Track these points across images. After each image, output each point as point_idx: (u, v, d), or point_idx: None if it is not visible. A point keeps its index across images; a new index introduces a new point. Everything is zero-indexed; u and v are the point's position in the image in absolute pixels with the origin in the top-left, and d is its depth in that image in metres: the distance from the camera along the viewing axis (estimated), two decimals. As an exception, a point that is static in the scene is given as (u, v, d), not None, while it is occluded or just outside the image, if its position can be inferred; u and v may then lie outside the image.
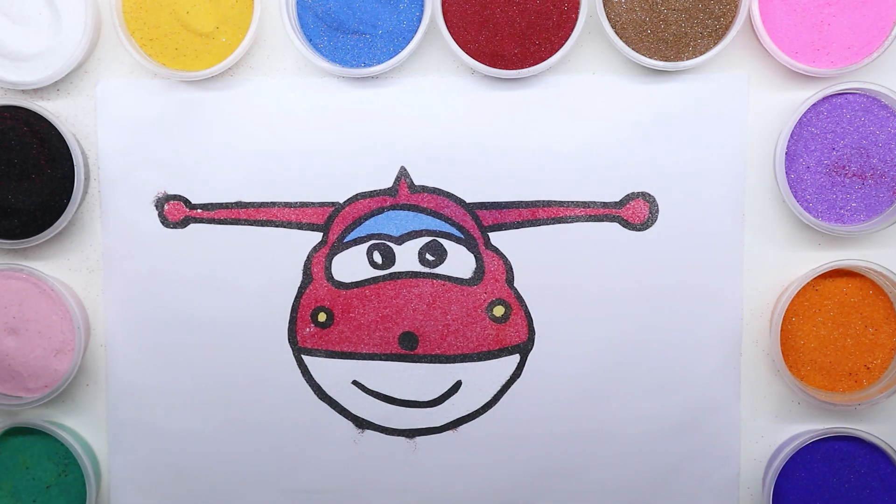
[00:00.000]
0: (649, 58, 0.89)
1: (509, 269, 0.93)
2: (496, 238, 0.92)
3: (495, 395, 0.94)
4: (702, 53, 0.89)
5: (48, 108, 0.93)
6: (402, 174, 0.92)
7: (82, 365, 0.95)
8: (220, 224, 0.93)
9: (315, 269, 0.93)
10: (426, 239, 0.93)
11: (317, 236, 0.93)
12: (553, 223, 0.92)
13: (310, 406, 0.94)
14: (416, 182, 0.92)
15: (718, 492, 0.94)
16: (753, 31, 0.90)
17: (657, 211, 0.92)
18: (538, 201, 0.92)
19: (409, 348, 0.93)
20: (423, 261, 0.93)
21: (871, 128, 0.90)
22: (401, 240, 0.93)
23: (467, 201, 0.92)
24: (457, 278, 0.93)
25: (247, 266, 0.93)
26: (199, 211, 0.93)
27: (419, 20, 0.90)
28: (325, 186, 0.93)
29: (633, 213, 0.92)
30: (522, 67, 0.89)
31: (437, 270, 0.93)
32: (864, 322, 0.91)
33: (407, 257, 0.93)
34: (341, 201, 0.93)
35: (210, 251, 0.93)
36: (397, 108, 0.92)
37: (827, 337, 0.91)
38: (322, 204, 0.93)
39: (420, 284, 0.93)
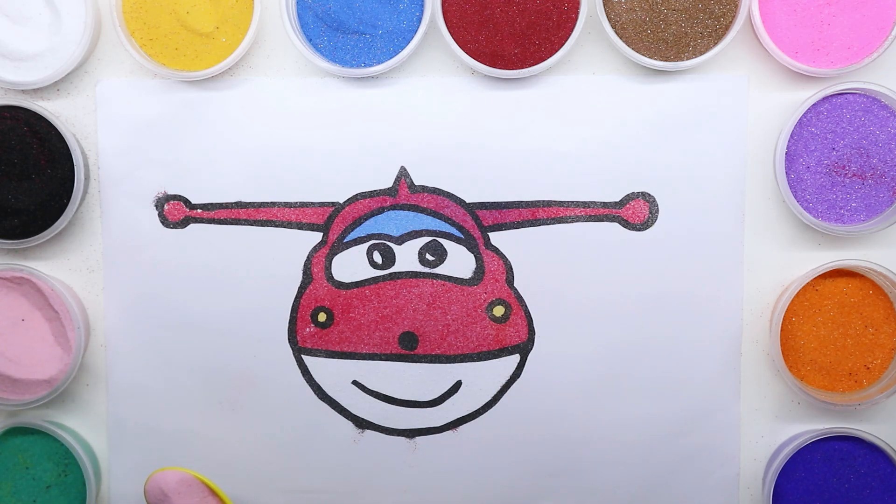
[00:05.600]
0: (649, 58, 0.89)
1: (509, 269, 0.93)
2: (496, 238, 0.92)
3: (495, 395, 0.94)
4: (702, 53, 0.89)
5: (48, 108, 0.93)
6: (402, 174, 0.92)
7: (82, 365, 0.95)
8: (220, 224, 0.93)
9: (315, 269, 0.93)
10: (426, 239, 0.93)
11: (317, 236, 0.93)
12: (553, 223, 0.92)
13: (310, 406, 0.94)
14: (416, 182, 0.92)
15: (718, 492, 0.94)
16: (753, 31, 0.90)
17: (657, 211, 0.92)
18: (538, 201, 0.92)
19: (409, 348, 0.93)
20: (423, 261, 0.93)
21: (871, 128, 0.90)
22: (401, 240, 0.93)
23: (467, 201, 0.92)
24: (457, 278, 0.93)
25: (247, 266, 0.93)
26: (199, 211, 0.93)
27: (419, 20, 0.90)
28: (325, 186, 0.93)
29: (633, 213, 0.92)
30: (522, 67, 0.90)
31: (437, 270, 0.93)
32: (864, 322, 0.91)
33: (407, 257, 0.93)
34: (341, 201, 0.93)
35: (210, 251, 0.93)
36: (397, 108, 0.92)
37: (827, 337, 0.91)
38: (322, 204, 0.93)
39: (420, 284, 0.93)
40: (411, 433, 0.94)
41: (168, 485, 0.90)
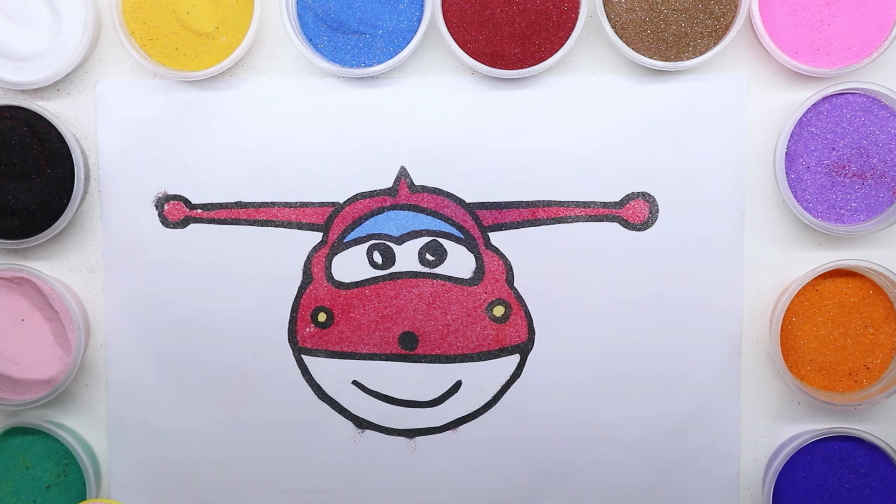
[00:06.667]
0: (649, 58, 0.89)
1: (509, 269, 0.93)
2: (496, 238, 0.92)
3: (495, 395, 0.94)
4: (702, 53, 0.89)
5: (48, 108, 0.93)
6: (402, 174, 0.92)
7: (82, 365, 0.95)
8: (220, 224, 0.93)
9: (315, 269, 0.93)
10: (426, 239, 0.93)
11: (317, 236, 0.93)
12: (553, 223, 0.92)
13: (310, 406, 0.94)
14: (416, 182, 0.92)
15: (718, 492, 0.94)
16: (753, 31, 0.90)
17: (657, 211, 0.92)
18: (538, 201, 0.92)
19: (409, 348, 0.93)
20: (423, 261, 0.93)
21: (871, 128, 0.90)
22: (401, 240, 0.93)
23: (467, 201, 0.92)
24: (457, 278, 0.93)
25: (247, 266, 0.93)
26: (199, 211, 0.93)
27: (419, 20, 0.90)
28: (325, 186, 0.93)
29: (633, 213, 0.92)
30: (522, 67, 0.89)
31: (437, 270, 0.93)
32: (864, 322, 0.91)
33: (407, 257, 0.93)
34: (341, 201, 0.93)
35: (210, 251, 0.93)
36: (397, 108, 0.92)
37: (827, 337, 0.91)
38: (322, 204, 0.93)
39: (420, 284, 0.93)
40: (411, 433, 0.94)
41: None
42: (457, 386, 0.94)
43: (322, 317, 0.93)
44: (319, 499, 0.96)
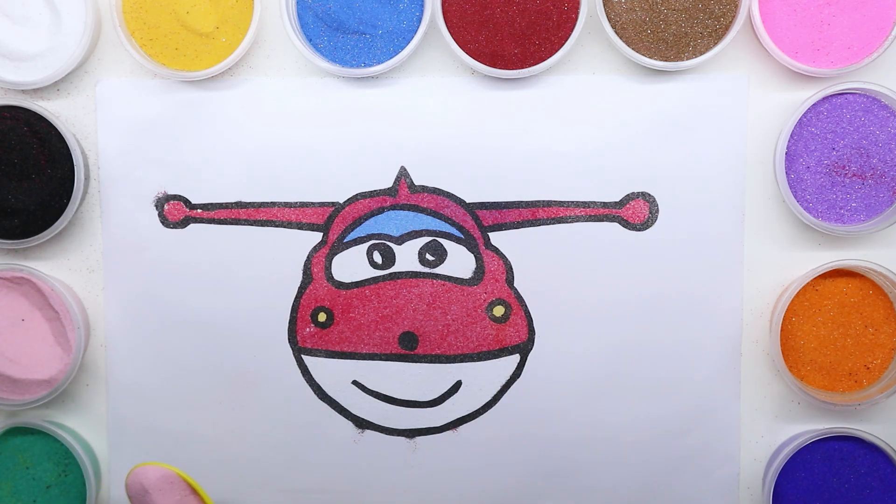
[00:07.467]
0: (649, 58, 0.89)
1: (509, 269, 0.93)
2: (496, 238, 0.92)
3: (495, 395, 0.94)
4: (702, 53, 0.89)
5: (48, 108, 0.93)
6: (402, 174, 0.92)
7: (82, 365, 0.95)
8: (220, 224, 0.93)
9: (315, 269, 0.93)
10: (426, 239, 0.93)
11: (317, 236, 0.93)
12: (553, 223, 0.92)
13: (310, 406, 0.94)
14: (416, 182, 0.92)
15: (718, 492, 0.94)
16: (753, 31, 0.90)
17: (657, 211, 0.92)
18: (538, 201, 0.92)
19: (409, 348, 0.93)
20: (423, 261, 0.93)
21: (871, 128, 0.90)
22: (401, 240, 0.93)
23: (467, 201, 0.92)
24: (457, 278, 0.93)
25: (247, 266, 0.93)
26: (199, 211, 0.93)
27: (419, 20, 0.90)
28: (325, 186, 0.93)
29: (633, 213, 0.92)
30: (522, 67, 0.90)
31: (437, 270, 0.93)
32: (864, 322, 0.91)
33: (407, 257, 0.93)
34: (341, 201, 0.93)
35: (210, 251, 0.93)
36: (397, 108, 0.92)
37: (827, 337, 0.91)
38: (322, 204, 0.93)
39: (420, 284, 0.93)
40: (411, 433, 0.94)
41: (149, 480, 0.90)
42: (457, 386, 0.94)
43: (322, 317, 0.93)
44: (319, 499, 0.96)
